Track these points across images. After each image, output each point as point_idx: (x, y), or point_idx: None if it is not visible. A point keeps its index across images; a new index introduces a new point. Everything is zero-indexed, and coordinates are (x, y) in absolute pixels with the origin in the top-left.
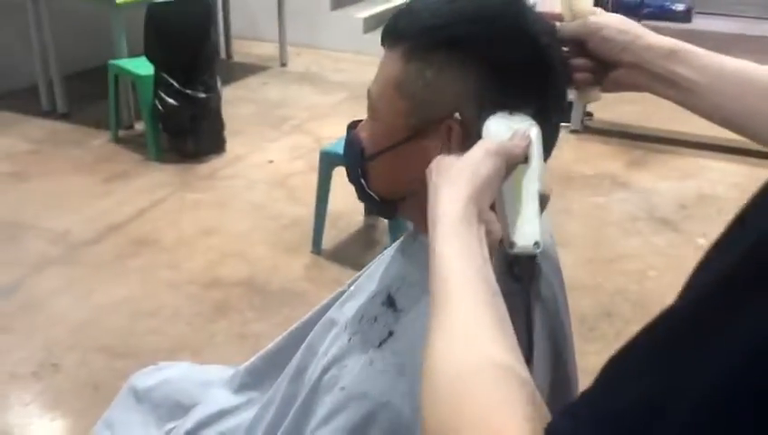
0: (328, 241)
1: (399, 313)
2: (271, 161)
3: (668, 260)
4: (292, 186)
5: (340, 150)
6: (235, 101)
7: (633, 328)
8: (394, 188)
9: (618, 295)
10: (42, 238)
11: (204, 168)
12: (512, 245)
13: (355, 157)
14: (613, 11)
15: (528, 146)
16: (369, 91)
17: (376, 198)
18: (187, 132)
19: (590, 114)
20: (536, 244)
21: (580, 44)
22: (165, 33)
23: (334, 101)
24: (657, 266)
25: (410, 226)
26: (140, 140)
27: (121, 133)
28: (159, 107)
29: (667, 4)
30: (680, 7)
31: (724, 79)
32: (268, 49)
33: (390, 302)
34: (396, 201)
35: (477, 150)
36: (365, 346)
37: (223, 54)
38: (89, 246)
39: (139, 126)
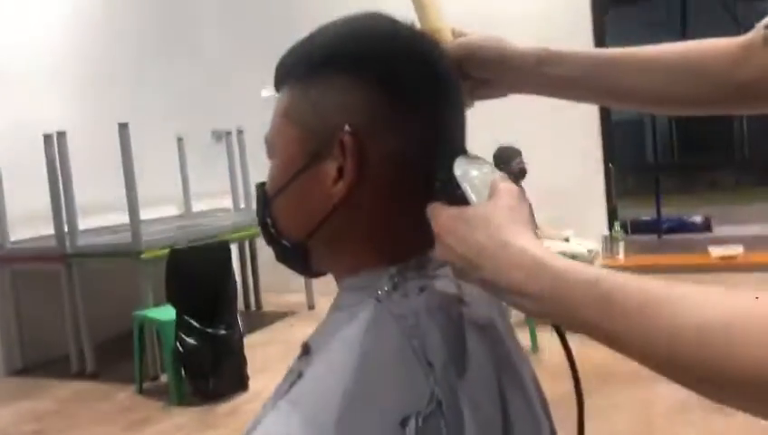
0: None
1: (311, 356)
2: None
3: None
4: None
5: None
6: (261, 344)
7: None
8: (301, 224)
9: None
10: None
11: (225, 406)
12: None
13: (261, 205)
14: (632, 230)
15: None
16: (265, 137)
17: (287, 244)
18: (209, 373)
19: None
20: None
21: (456, 64)
22: (186, 275)
23: None
24: None
25: None
26: (164, 389)
27: (146, 385)
28: (180, 349)
29: (685, 217)
30: (698, 219)
31: (596, 67)
32: (297, 297)
33: (306, 349)
34: (305, 243)
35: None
36: (276, 397)
37: (253, 307)
38: None
39: (165, 378)
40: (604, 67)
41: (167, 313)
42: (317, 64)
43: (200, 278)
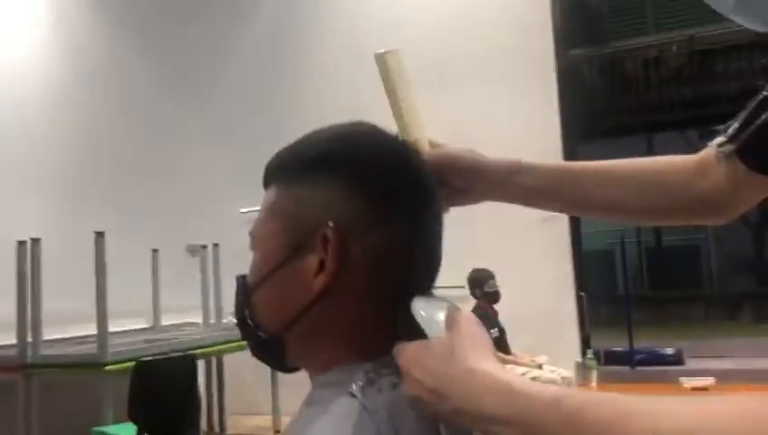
0: None
1: None
2: None
3: None
4: None
5: None
6: None
7: None
8: (279, 316)
9: None
10: None
11: None
12: None
13: (240, 297)
14: (606, 360)
15: None
16: (249, 231)
17: (264, 336)
18: None
19: None
20: None
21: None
22: (150, 390)
23: None
24: None
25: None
26: None
27: None
28: None
29: (657, 349)
30: (669, 351)
31: (564, 179)
32: (262, 420)
33: None
34: (282, 336)
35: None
36: None
37: (216, 428)
38: None
39: None
40: (572, 179)
41: (126, 430)
42: (304, 164)
43: (164, 394)
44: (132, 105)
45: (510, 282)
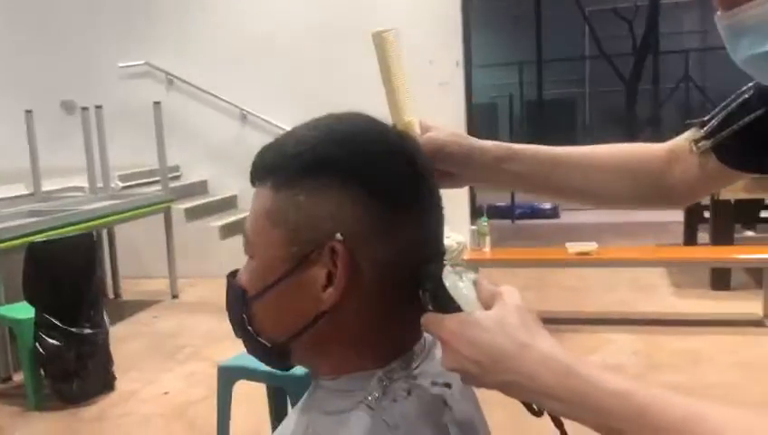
0: None
1: None
2: (166, 393)
3: None
4: (191, 415)
5: (240, 364)
6: (125, 338)
7: None
8: (284, 326)
9: None
10: None
11: (92, 410)
12: None
13: (237, 303)
14: (488, 215)
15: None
16: (244, 231)
17: (267, 344)
18: (72, 374)
19: None
20: None
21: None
22: (47, 271)
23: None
24: None
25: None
26: (19, 391)
27: None
28: (41, 350)
29: (536, 204)
30: (547, 206)
31: (552, 167)
32: (159, 284)
33: None
34: (288, 343)
35: (513, 314)
36: None
37: (111, 294)
38: None
39: (18, 377)
40: (551, 166)
41: (24, 311)
42: (304, 169)
43: (63, 273)
44: None
45: None
